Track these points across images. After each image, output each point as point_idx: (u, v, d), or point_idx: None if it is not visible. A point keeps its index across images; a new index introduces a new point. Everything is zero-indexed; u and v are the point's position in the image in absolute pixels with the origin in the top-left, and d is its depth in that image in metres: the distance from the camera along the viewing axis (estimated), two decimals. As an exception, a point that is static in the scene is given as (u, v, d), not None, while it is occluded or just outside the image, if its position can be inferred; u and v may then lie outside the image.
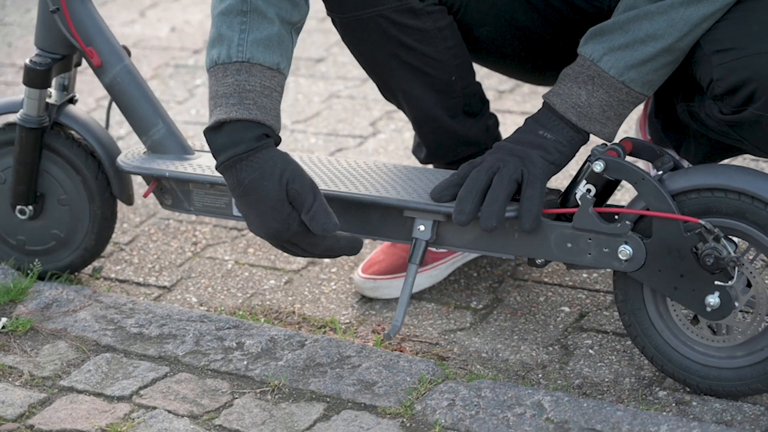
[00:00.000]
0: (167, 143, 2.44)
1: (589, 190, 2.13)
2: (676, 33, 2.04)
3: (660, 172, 2.13)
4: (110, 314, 2.44)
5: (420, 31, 2.27)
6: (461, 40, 2.33)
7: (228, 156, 2.09)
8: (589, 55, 2.09)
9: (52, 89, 2.52)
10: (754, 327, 2.12)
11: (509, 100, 3.41)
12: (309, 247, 2.14)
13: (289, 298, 2.57)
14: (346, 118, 3.39)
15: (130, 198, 2.55)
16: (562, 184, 2.79)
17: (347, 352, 2.29)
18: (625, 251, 2.12)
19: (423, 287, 2.55)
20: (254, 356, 2.29)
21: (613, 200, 2.72)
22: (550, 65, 2.37)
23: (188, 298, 2.59)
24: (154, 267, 2.71)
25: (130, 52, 2.49)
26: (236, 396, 2.20)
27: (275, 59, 2.11)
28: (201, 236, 2.82)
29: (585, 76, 2.10)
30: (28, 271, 2.59)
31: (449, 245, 2.25)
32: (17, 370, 2.30)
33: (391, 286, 2.51)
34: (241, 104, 2.08)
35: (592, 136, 2.17)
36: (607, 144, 2.14)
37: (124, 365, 2.29)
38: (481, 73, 3.37)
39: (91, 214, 2.54)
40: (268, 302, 2.56)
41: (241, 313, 2.50)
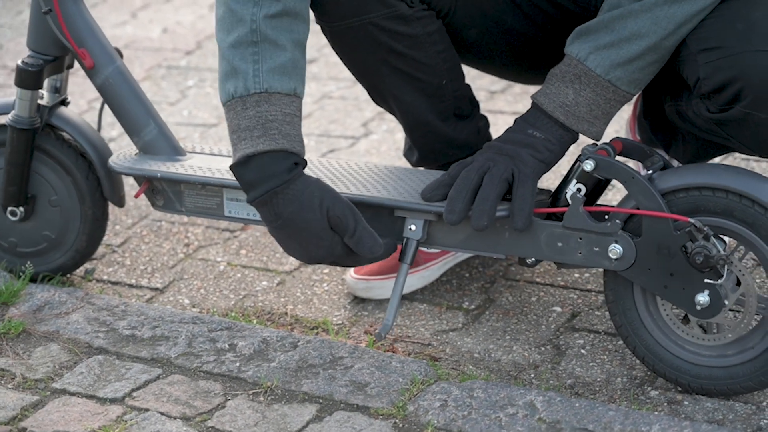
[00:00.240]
0: (159, 144, 2.44)
1: (579, 190, 2.14)
2: (661, 31, 2.05)
3: (650, 172, 2.13)
4: (102, 316, 2.44)
5: (410, 37, 2.27)
6: (450, 44, 2.34)
7: (263, 191, 2.09)
8: (576, 54, 2.10)
9: (44, 91, 2.52)
10: (744, 325, 2.12)
11: (501, 101, 3.41)
12: (353, 263, 2.17)
13: (282, 300, 2.57)
14: (338, 119, 3.39)
15: (121, 200, 2.55)
16: (552, 184, 2.80)
17: (340, 353, 2.29)
18: (615, 250, 2.12)
19: (415, 288, 2.55)
20: (247, 358, 2.29)
21: (604, 200, 2.73)
22: (538, 65, 2.38)
23: (180, 300, 2.59)
24: (146, 269, 2.71)
25: (122, 54, 2.49)
26: (229, 397, 2.20)
27: (292, 85, 2.11)
28: (193, 238, 2.82)
29: (572, 75, 2.11)
30: (20, 274, 2.59)
31: (440, 245, 2.25)
32: (9, 373, 2.30)
33: (383, 287, 2.51)
34: (267, 135, 2.08)
35: (582, 135, 2.18)
36: (597, 144, 2.15)
37: (116, 367, 2.29)
38: (472, 74, 3.37)
39: (82, 215, 2.54)
40: (260, 303, 2.56)
41: (233, 314, 2.50)
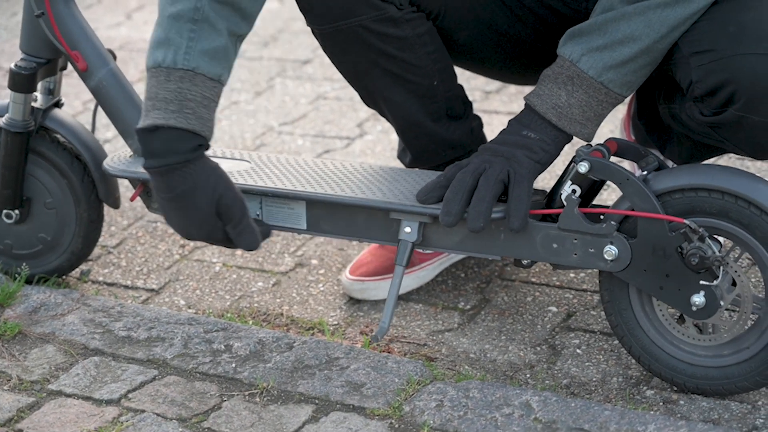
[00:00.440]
0: None
1: (574, 191, 2.14)
2: (654, 34, 2.05)
3: (644, 173, 2.13)
4: (98, 318, 2.44)
5: (400, 39, 2.27)
6: (441, 45, 2.34)
7: (162, 163, 2.10)
8: (568, 55, 2.10)
9: (38, 93, 2.52)
10: (740, 325, 2.12)
11: (496, 101, 3.42)
12: (227, 247, 2.23)
13: (277, 300, 2.57)
14: (333, 119, 3.39)
15: (116, 201, 2.55)
16: (548, 184, 2.80)
17: (335, 354, 2.29)
18: (610, 251, 2.13)
19: (411, 288, 2.55)
20: (242, 359, 2.29)
21: (600, 200, 2.73)
22: (530, 66, 2.38)
23: (176, 301, 2.60)
24: (141, 270, 2.71)
25: (115, 56, 2.49)
26: (225, 399, 2.20)
27: (218, 71, 2.12)
28: (189, 239, 2.82)
29: (564, 76, 2.11)
30: (15, 275, 2.59)
31: (435, 247, 2.25)
32: (5, 375, 2.30)
33: (379, 288, 2.51)
34: (181, 112, 2.09)
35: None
36: (592, 145, 2.15)
37: (112, 369, 2.29)
38: (466, 74, 3.38)
39: (78, 217, 2.54)
40: (256, 304, 2.56)
41: (229, 315, 2.50)
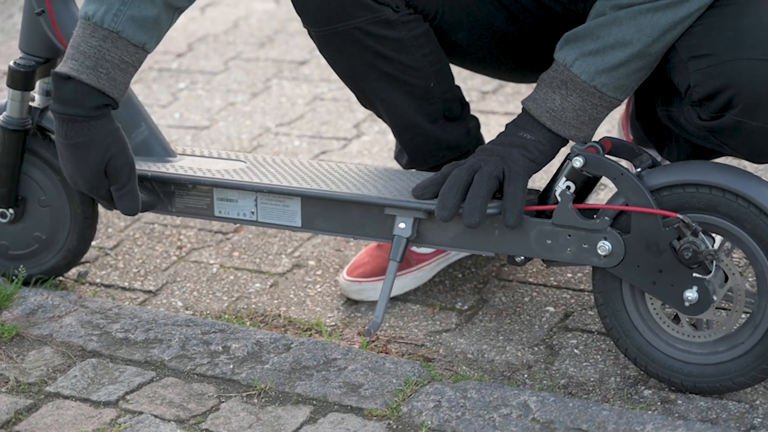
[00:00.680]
0: (150, 146, 2.45)
1: (568, 187, 2.15)
2: (645, 39, 2.06)
3: (638, 170, 2.14)
4: (96, 319, 2.44)
5: (396, 41, 2.27)
6: (438, 47, 2.34)
7: (65, 112, 2.21)
8: (563, 60, 2.11)
9: (36, 94, 2.53)
10: (734, 321, 2.13)
11: (493, 101, 3.42)
12: (108, 206, 2.32)
13: (275, 302, 2.57)
14: (330, 120, 3.39)
15: None
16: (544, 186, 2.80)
17: (333, 355, 2.29)
18: (604, 247, 2.13)
19: (408, 289, 2.55)
20: (240, 360, 2.29)
21: (596, 201, 2.73)
22: (529, 65, 2.38)
23: (174, 303, 2.59)
24: (139, 271, 2.71)
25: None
26: (223, 400, 2.20)
27: (143, 39, 2.21)
28: (186, 240, 2.82)
29: (559, 81, 2.12)
30: (13, 277, 2.58)
31: (430, 243, 2.25)
32: (3, 377, 2.30)
33: (376, 289, 2.51)
34: (95, 70, 2.19)
35: (573, 136, 2.19)
36: (586, 143, 2.16)
37: (110, 370, 2.29)
38: (463, 75, 3.38)
39: (72, 213, 2.54)
40: (253, 306, 2.56)
41: (226, 316, 2.50)
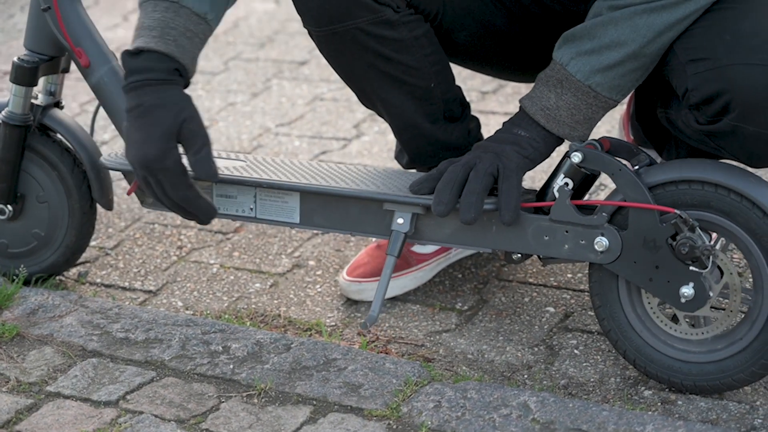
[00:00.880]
0: None
1: (566, 184, 2.16)
2: (640, 39, 2.06)
3: (636, 167, 2.15)
4: (96, 319, 2.44)
5: (396, 41, 2.28)
6: (439, 47, 2.34)
7: (138, 78, 2.17)
8: (559, 59, 2.13)
9: (40, 93, 2.54)
10: (731, 317, 2.14)
11: (492, 101, 3.42)
12: (171, 188, 2.16)
13: (275, 302, 2.57)
14: (330, 120, 3.39)
15: (109, 203, 2.55)
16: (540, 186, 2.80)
17: (333, 355, 2.29)
18: (601, 243, 2.14)
19: (408, 289, 2.55)
20: (240, 360, 2.29)
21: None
22: (529, 66, 2.39)
23: (174, 302, 2.60)
24: (139, 271, 2.71)
25: (116, 57, 2.51)
26: (223, 400, 2.20)
27: (205, 8, 2.19)
28: (186, 240, 2.82)
29: (554, 79, 2.13)
30: (13, 277, 2.59)
31: (427, 239, 2.26)
32: (4, 376, 2.30)
33: (376, 289, 2.51)
34: (162, 38, 2.16)
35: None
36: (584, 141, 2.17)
37: (110, 370, 2.29)
38: (463, 75, 3.38)
39: (70, 209, 2.55)
40: (253, 306, 2.56)
41: (226, 316, 2.51)
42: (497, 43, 2.36)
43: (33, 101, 2.53)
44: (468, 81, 3.47)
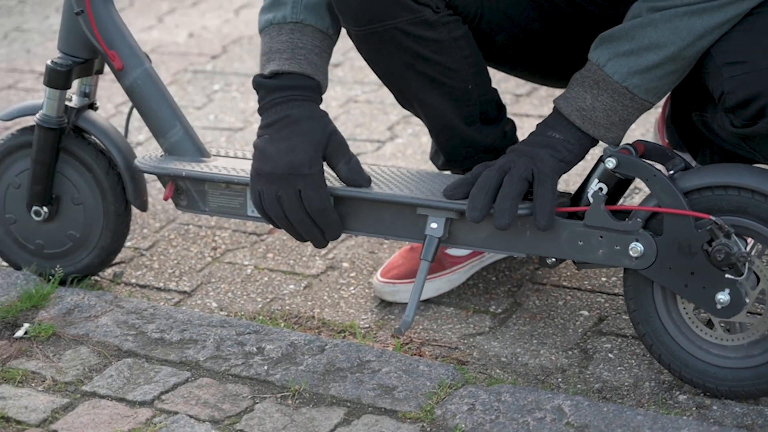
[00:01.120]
0: (184, 146, 2.46)
1: (601, 189, 2.15)
2: (680, 42, 2.06)
3: (671, 172, 2.14)
4: (131, 319, 2.45)
5: (435, 42, 2.28)
6: (477, 49, 2.34)
7: (282, 95, 2.25)
8: (596, 60, 2.12)
9: (74, 95, 2.55)
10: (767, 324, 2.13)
11: (526, 104, 3.42)
12: (311, 197, 2.21)
13: (309, 303, 2.58)
14: (364, 122, 3.40)
15: (144, 204, 2.56)
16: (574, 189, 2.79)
17: (367, 357, 2.29)
18: (636, 248, 2.13)
19: (442, 291, 2.55)
20: (275, 361, 2.30)
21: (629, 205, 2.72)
22: (565, 69, 2.38)
23: (208, 303, 2.60)
24: (174, 272, 2.73)
25: (150, 58, 2.52)
26: (257, 401, 2.21)
27: (326, 23, 2.27)
28: (220, 241, 2.83)
29: (591, 80, 2.12)
30: (49, 277, 2.60)
31: (462, 244, 2.26)
32: (40, 376, 2.31)
33: (409, 291, 2.51)
34: (294, 59, 2.24)
35: (604, 138, 2.19)
36: (619, 145, 2.16)
37: (145, 370, 2.30)
38: (497, 78, 3.38)
39: (105, 210, 2.56)
40: (287, 307, 2.57)
41: (261, 318, 2.51)
42: (534, 45, 2.36)
43: (67, 103, 2.54)
44: (502, 84, 3.47)
